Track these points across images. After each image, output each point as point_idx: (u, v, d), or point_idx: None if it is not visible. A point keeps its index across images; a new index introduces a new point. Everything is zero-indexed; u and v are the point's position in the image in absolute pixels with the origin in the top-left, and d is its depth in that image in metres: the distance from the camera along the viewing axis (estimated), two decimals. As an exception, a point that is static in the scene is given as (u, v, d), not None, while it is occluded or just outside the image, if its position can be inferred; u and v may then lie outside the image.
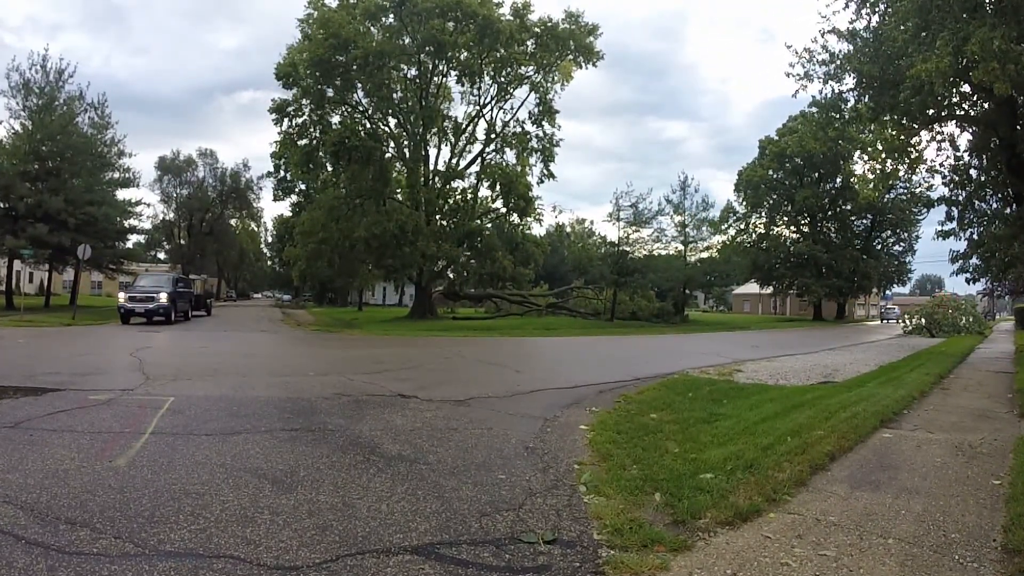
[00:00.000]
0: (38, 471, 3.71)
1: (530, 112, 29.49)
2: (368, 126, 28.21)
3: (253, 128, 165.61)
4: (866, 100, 16.15)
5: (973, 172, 18.21)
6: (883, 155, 18.23)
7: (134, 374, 7.66)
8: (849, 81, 16.59)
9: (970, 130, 17.59)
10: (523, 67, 28.16)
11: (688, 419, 6.03)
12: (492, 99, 29.28)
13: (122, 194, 31.52)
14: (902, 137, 16.61)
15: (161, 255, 66.64)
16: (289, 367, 9.58)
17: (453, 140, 30.20)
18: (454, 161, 30.11)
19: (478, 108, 29.54)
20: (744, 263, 46.15)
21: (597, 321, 30.07)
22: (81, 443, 4.36)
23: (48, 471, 3.71)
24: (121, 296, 21.20)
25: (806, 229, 47.08)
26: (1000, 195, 17.45)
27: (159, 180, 57.16)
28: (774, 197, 46.96)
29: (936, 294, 45.32)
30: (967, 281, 24.04)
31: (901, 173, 18.72)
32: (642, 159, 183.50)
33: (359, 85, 26.93)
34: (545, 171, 29.58)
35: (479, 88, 28.94)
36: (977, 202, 20.19)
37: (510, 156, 30.19)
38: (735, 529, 3.20)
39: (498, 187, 29.02)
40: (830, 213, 46.46)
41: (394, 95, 28.05)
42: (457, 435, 5.11)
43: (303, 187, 37.28)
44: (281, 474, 3.83)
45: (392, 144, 29.36)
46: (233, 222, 65.84)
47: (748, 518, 3.32)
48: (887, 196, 38.43)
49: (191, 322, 22.32)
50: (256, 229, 74.03)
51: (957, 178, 18.43)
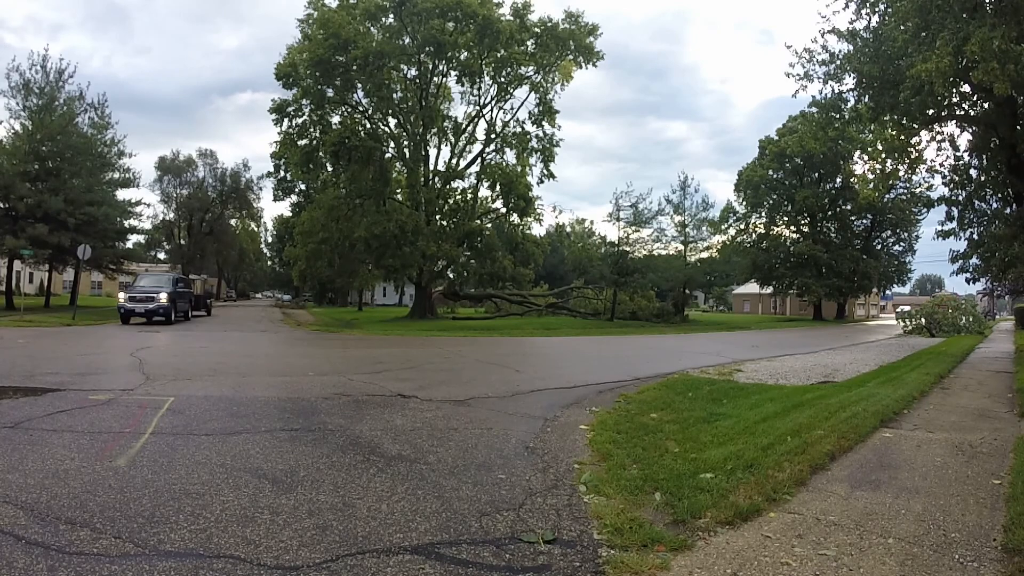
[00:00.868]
0: (38, 471, 3.71)
1: (530, 112, 29.52)
2: (368, 126, 28.20)
3: (254, 128, 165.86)
4: (866, 100, 16.12)
5: (973, 172, 18.20)
6: (883, 155, 18.21)
7: (134, 374, 7.65)
8: (849, 81, 16.57)
9: (970, 130, 17.55)
10: (523, 67, 28.12)
11: (688, 419, 6.03)
12: (492, 99, 29.30)
13: (122, 194, 31.63)
14: (902, 137, 16.59)
15: (161, 255, 66.62)
16: (289, 367, 9.58)
17: (453, 140, 30.20)
18: (454, 161, 30.11)
19: (478, 108, 29.56)
20: (744, 263, 46.13)
21: (597, 321, 30.04)
22: (81, 443, 4.37)
23: (48, 471, 3.72)
24: (121, 296, 21.21)
25: (806, 229, 47.01)
26: (1000, 195, 17.42)
27: (159, 180, 57.26)
28: (774, 197, 46.91)
29: (936, 294, 45.28)
30: (967, 281, 23.98)
31: (901, 173, 18.69)
32: (642, 159, 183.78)
33: (359, 85, 26.91)
34: (545, 171, 29.59)
35: (479, 88, 28.94)
36: (977, 202, 20.20)
37: (510, 156, 30.21)
38: (735, 529, 3.20)
39: (498, 187, 29.03)
40: (830, 213, 46.38)
41: (394, 95, 28.02)
42: (457, 435, 5.11)
43: (303, 187, 37.36)
44: (281, 474, 3.83)
45: (392, 144, 29.34)
46: (233, 222, 65.79)
47: (748, 518, 3.33)
48: (887, 196, 38.40)
49: (191, 322, 22.33)
50: (256, 229, 74.08)
51: (957, 178, 18.42)
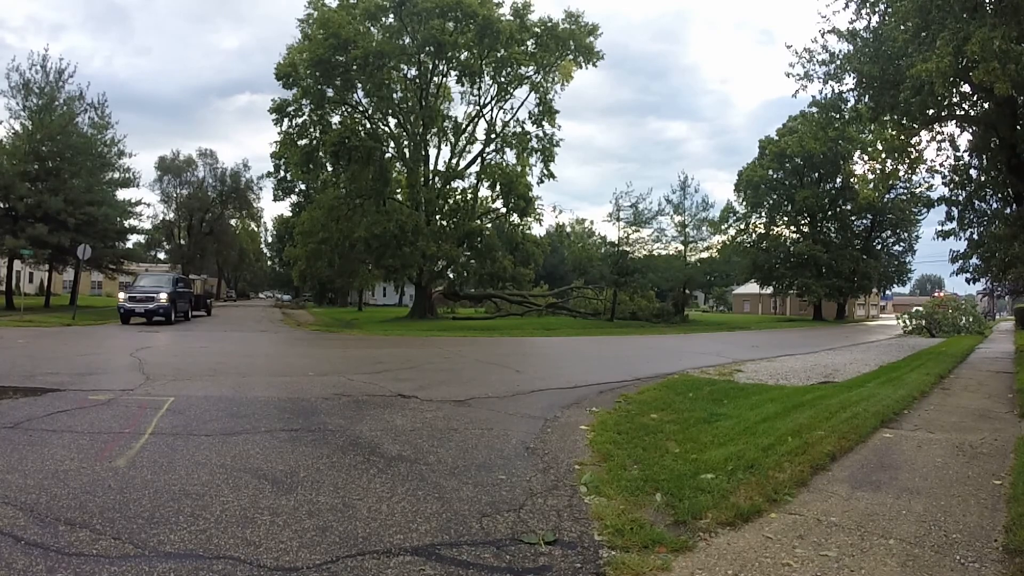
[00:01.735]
0: (38, 472, 3.70)
1: (530, 112, 29.49)
2: (368, 126, 28.18)
3: (254, 128, 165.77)
4: (866, 100, 16.12)
5: (973, 172, 18.20)
6: (883, 155, 18.21)
7: (134, 374, 7.64)
8: (849, 81, 16.57)
9: (970, 130, 17.54)
10: (523, 67, 28.11)
11: (689, 419, 6.03)
12: (492, 99, 29.28)
13: (122, 194, 31.64)
14: (902, 137, 16.58)
15: (161, 255, 66.61)
16: (289, 367, 9.57)
17: (453, 140, 30.17)
18: (454, 161, 30.08)
19: (478, 108, 29.54)
20: (744, 263, 46.12)
21: (597, 321, 30.02)
22: (81, 443, 4.36)
23: (48, 472, 3.71)
24: (121, 296, 21.19)
25: (806, 229, 46.98)
26: (1000, 195, 17.43)
27: (159, 180, 57.24)
28: (774, 197, 46.89)
29: (936, 294, 45.24)
30: (967, 281, 23.97)
31: (901, 173, 18.68)
32: (642, 159, 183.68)
33: (359, 85, 26.89)
34: (545, 171, 29.55)
35: (479, 88, 28.92)
36: (977, 202, 20.19)
37: (510, 156, 30.19)
38: (736, 530, 3.19)
39: (498, 187, 29.00)
40: (830, 213, 46.35)
41: (394, 95, 28.00)
42: (457, 435, 5.11)
43: (303, 187, 37.35)
44: (281, 475, 3.82)
45: (392, 144, 29.33)
46: (233, 222, 65.78)
47: (749, 518, 3.32)
48: (887, 196, 38.39)
49: (191, 322, 22.33)
50: (256, 229, 74.08)
51: (957, 178, 18.42)
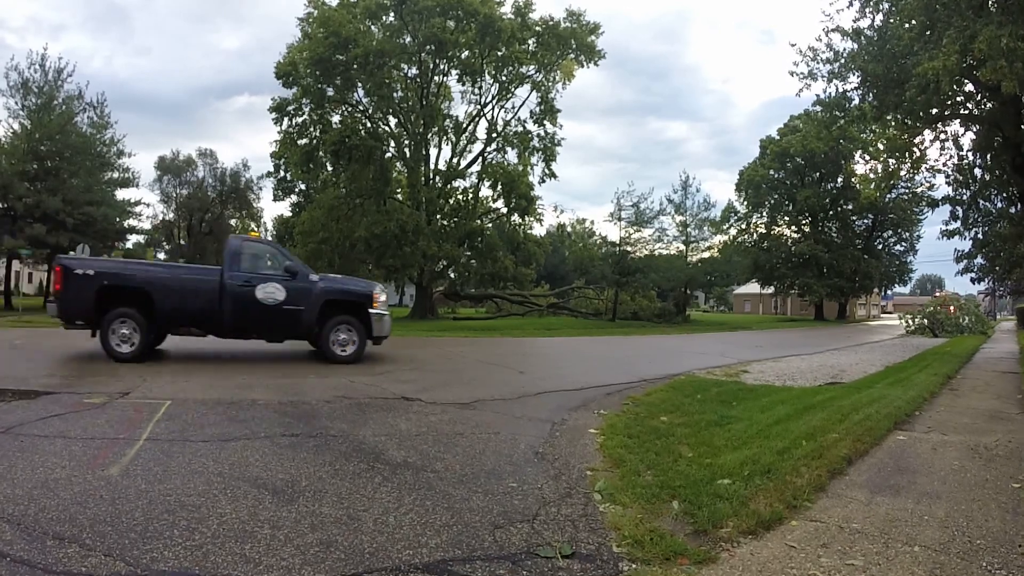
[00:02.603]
0: (27, 480, 3.54)
1: (531, 111, 29.38)
2: (368, 125, 28.05)
3: (255, 128, 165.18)
4: (870, 99, 16.05)
5: (977, 171, 18.14)
6: (884, 155, 18.14)
7: (131, 376, 7.47)
8: (853, 80, 16.51)
9: (973, 129, 17.51)
10: (524, 66, 28.01)
11: (699, 422, 5.90)
12: (493, 98, 29.15)
13: (121, 194, 31.45)
14: (904, 136, 16.51)
15: (161, 255, 66.43)
16: (289, 368, 9.40)
17: (454, 139, 30.02)
18: (455, 160, 29.94)
19: (479, 107, 29.40)
20: (745, 263, 45.98)
21: (598, 321, 29.88)
22: (73, 450, 4.19)
23: (38, 481, 3.54)
24: None
25: (807, 229, 46.86)
26: (1005, 194, 17.37)
27: (158, 180, 57.06)
28: (775, 197, 46.79)
29: (937, 294, 45.10)
30: (972, 281, 23.92)
31: (903, 173, 18.60)
32: (643, 159, 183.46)
33: (359, 84, 26.76)
34: (547, 170, 29.43)
35: (480, 87, 28.82)
36: (982, 201, 20.13)
37: (511, 156, 30.07)
38: (758, 539, 3.09)
39: (499, 187, 28.85)
40: (831, 213, 46.26)
41: (395, 94, 27.89)
42: (464, 440, 4.95)
43: (303, 187, 37.21)
44: (282, 484, 3.65)
45: (392, 144, 29.20)
46: (233, 222, 65.61)
47: (770, 526, 3.22)
48: (888, 196, 38.25)
49: (190, 323, 22.09)
50: (256, 229, 73.92)
51: (961, 177, 18.36)
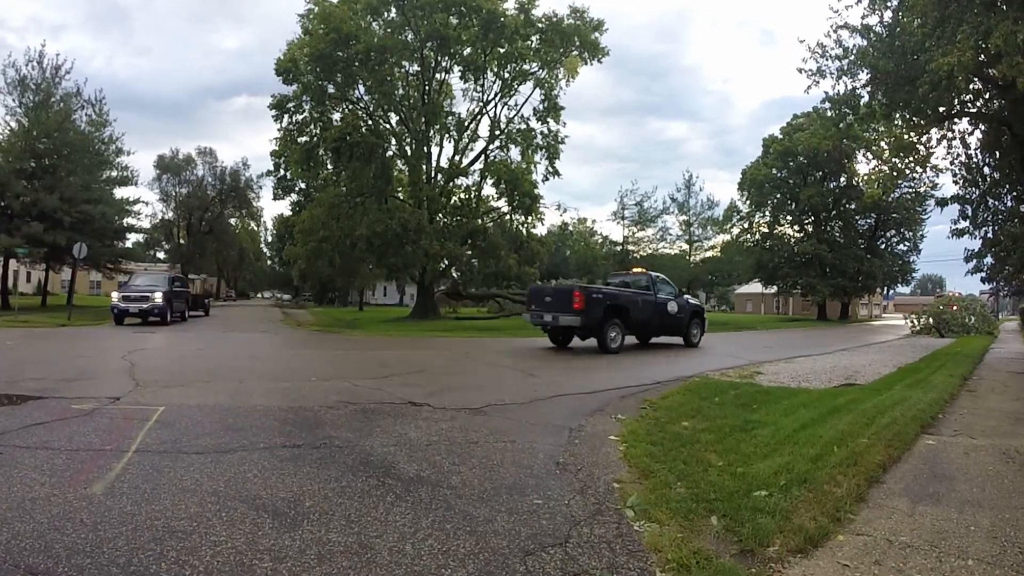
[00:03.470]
0: (2, 500, 3.19)
1: (535, 109, 28.97)
2: (369, 123, 27.70)
3: (255, 128, 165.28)
4: (880, 96, 15.84)
5: (985, 170, 17.95)
6: (886, 153, 17.91)
7: (123, 379, 7.13)
8: (863, 77, 16.27)
9: (981, 128, 17.32)
10: (528, 63, 27.64)
11: (723, 427, 5.58)
12: (496, 95, 28.78)
13: (120, 192, 31.19)
14: (911, 135, 16.30)
15: (161, 255, 66.09)
16: (290, 371, 9.06)
17: (456, 137, 29.66)
18: (457, 158, 29.60)
19: (481, 104, 29.03)
20: (748, 263, 45.62)
21: (602, 321, 29.47)
22: (55, 464, 3.84)
23: (14, 500, 3.19)
24: (114, 296, 19.97)
25: (810, 228, 46.51)
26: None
27: (158, 179, 56.62)
28: (778, 196, 46.43)
29: (942, 293, 44.77)
30: (983, 280, 23.58)
31: (909, 172, 18.33)
32: (643, 159, 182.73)
33: (360, 81, 26.40)
34: (550, 168, 29.04)
35: (483, 84, 28.44)
36: (992, 200, 19.87)
37: (515, 153, 29.69)
38: (808, 557, 2.85)
39: (503, 185, 28.46)
40: (834, 212, 45.92)
41: (396, 92, 27.53)
42: (479, 450, 4.60)
43: (303, 186, 36.84)
44: (283, 504, 3.28)
45: (394, 141, 28.84)
46: (233, 221, 65.26)
47: (818, 543, 3.00)
48: (893, 195, 37.87)
49: (188, 323, 21.74)
50: (256, 229, 73.63)
51: (969, 176, 18.17)
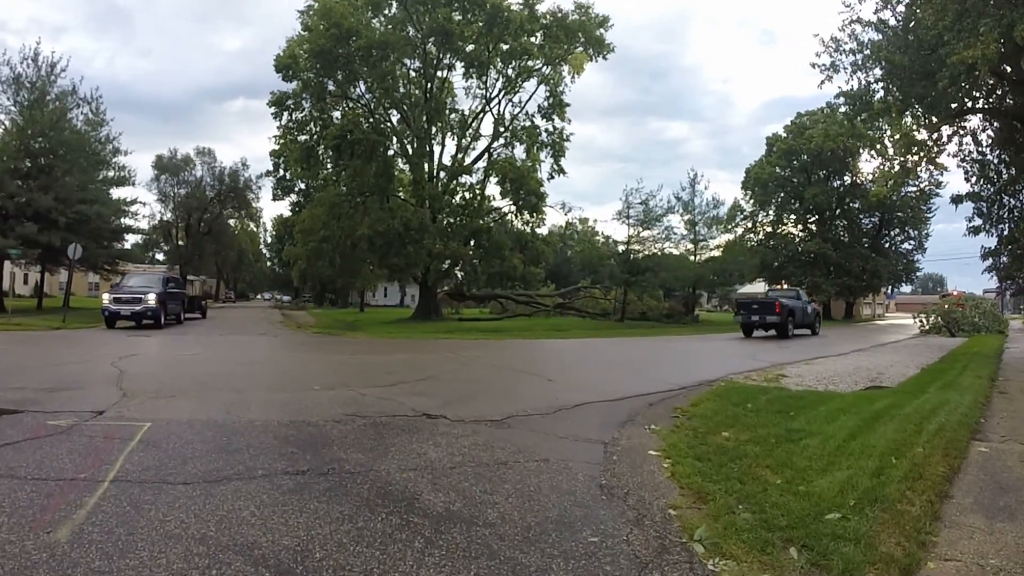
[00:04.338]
0: (-57, 548, 2.62)
1: (539, 106, 28.54)
2: (371, 120, 27.14)
3: (255, 130, 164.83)
4: (895, 91, 15.55)
5: (1001, 167, 17.74)
6: (890, 151, 17.66)
7: (110, 389, 6.54)
8: (877, 72, 15.98)
9: (993, 125, 17.09)
10: (532, 60, 27.11)
11: (767, 438, 5.07)
12: (500, 92, 28.28)
13: (117, 193, 30.55)
14: (921, 132, 16.08)
15: (160, 256, 65.45)
16: (290, 379, 8.47)
17: (459, 134, 29.10)
18: (460, 156, 29.04)
19: (485, 101, 28.53)
20: (752, 262, 45.10)
21: (607, 322, 29.02)
22: (17, 498, 3.24)
23: (-43, 548, 2.62)
24: (105, 298, 18.97)
25: (815, 227, 46.06)
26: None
27: (156, 179, 55.93)
28: (782, 195, 45.98)
29: (947, 292, 44.33)
30: (1000, 279, 23.22)
31: (920, 169, 17.95)
32: (643, 159, 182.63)
33: (361, 78, 25.86)
34: (556, 166, 28.51)
35: (486, 81, 27.93)
36: (1007, 197, 19.52)
37: (519, 151, 29.19)
38: None
39: (508, 183, 27.89)
40: (838, 211, 45.50)
41: (398, 88, 26.99)
42: (510, 473, 4.03)
43: (303, 186, 36.24)
44: (288, 556, 2.66)
45: (395, 139, 28.28)
46: (232, 222, 64.65)
47: (910, 572, 2.70)
48: (898, 194, 37.42)
49: (184, 326, 20.98)
50: (255, 229, 73.06)
51: (982, 172, 17.96)
